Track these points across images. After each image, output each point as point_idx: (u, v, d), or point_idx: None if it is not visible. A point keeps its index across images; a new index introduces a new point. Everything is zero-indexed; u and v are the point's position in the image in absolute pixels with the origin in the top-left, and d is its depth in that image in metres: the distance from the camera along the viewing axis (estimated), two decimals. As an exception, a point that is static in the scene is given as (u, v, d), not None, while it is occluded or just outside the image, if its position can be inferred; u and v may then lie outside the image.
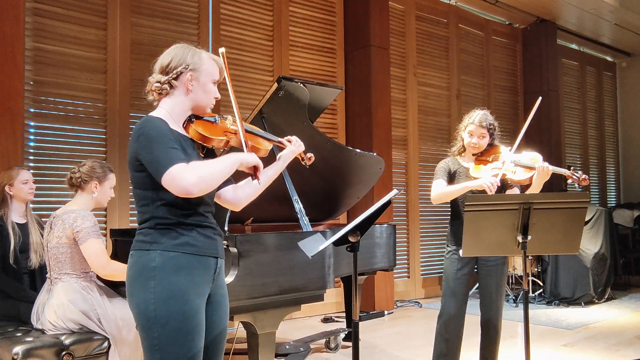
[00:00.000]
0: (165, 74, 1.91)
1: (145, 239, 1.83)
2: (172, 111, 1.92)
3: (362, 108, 6.39)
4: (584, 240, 6.41)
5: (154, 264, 1.78)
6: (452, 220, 3.20)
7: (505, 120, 8.44)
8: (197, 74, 1.93)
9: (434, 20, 7.67)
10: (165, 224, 1.82)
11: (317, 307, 5.76)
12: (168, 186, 1.72)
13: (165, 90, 1.92)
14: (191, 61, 1.92)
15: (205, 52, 1.99)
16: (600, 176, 10.41)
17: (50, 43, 4.58)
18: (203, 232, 1.87)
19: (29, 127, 4.46)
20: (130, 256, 1.87)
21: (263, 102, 3.28)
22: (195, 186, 1.71)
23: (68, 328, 2.82)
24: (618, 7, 8.03)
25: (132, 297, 1.82)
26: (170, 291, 1.77)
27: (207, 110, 2.00)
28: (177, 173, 1.70)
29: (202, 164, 1.80)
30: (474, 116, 3.14)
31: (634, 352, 4.40)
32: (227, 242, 2.71)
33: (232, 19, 5.68)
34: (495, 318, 3.12)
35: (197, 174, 1.72)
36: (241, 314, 2.77)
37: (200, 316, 1.83)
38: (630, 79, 10.79)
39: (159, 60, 1.95)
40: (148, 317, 1.77)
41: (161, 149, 1.74)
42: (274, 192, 3.63)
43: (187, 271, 1.80)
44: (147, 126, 1.79)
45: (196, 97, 1.94)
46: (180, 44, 1.97)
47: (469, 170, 3.12)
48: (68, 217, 2.86)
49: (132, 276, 1.83)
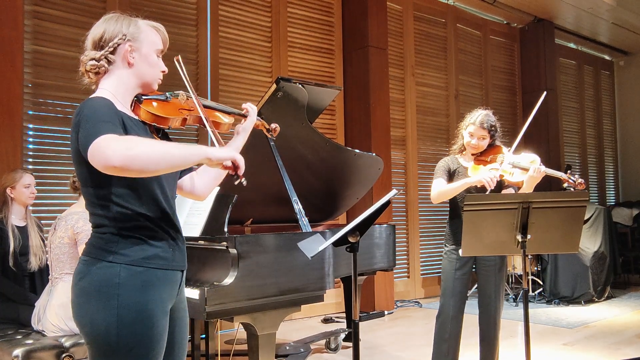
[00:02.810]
0: (99, 48, 1.65)
1: (107, 247, 1.55)
2: (115, 92, 1.63)
3: (360, 108, 6.39)
4: (583, 239, 6.41)
5: (118, 280, 1.51)
6: (451, 219, 3.20)
7: (503, 120, 8.40)
8: (138, 44, 1.66)
9: (431, 20, 7.68)
10: (131, 228, 1.56)
11: (317, 307, 5.76)
12: (92, 158, 1.40)
13: (102, 67, 1.65)
14: (128, 30, 1.66)
15: (142, 20, 1.74)
16: (598, 175, 10.43)
17: (50, 46, 4.58)
18: (174, 242, 1.65)
19: (28, 130, 4.46)
20: (83, 262, 1.58)
21: (262, 103, 3.28)
22: (119, 158, 1.36)
23: (70, 329, 2.83)
24: (615, 6, 8.04)
25: (83, 315, 1.54)
26: (137, 312, 1.52)
27: (154, 86, 1.73)
28: (105, 141, 1.38)
29: (143, 139, 1.47)
30: (475, 116, 3.13)
31: (634, 351, 4.40)
32: (227, 243, 2.72)
33: (231, 20, 5.68)
34: (494, 319, 3.11)
35: (126, 145, 1.38)
36: (241, 315, 2.76)
37: (165, 337, 1.61)
38: (628, 78, 10.81)
39: (90, 34, 1.68)
40: (109, 342, 1.50)
41: (92, 123, 1.44)
42: (273, 193, 3.65)
43: (155, 288, 1.57)
44: (85, 108, 1.51)
45: (140, 71, 1.67)
46: (111, 14, 1.71)
47: (468, 169, 3.12)
48: (71, 219, 2.90)
49: (88, 289, 1.53)
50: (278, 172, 3.24)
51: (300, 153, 3.74)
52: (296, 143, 3.66)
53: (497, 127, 3.16)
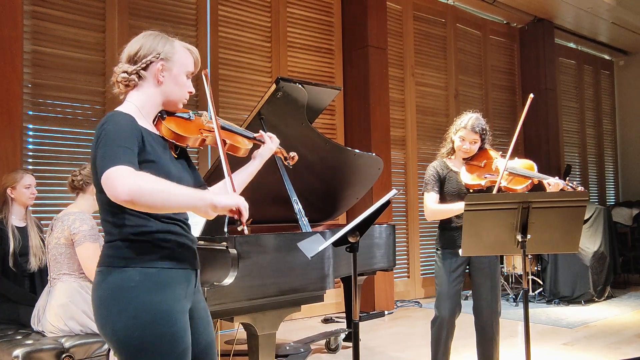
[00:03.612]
0: (133, 63, 1.71)
1: (118, 253, 1.59)
2: (141, 106, 1.70)
3: (360, 108, 6.39)
4: (583, 239, 6.41)
5: (133, 283, 1.55)
6: (442, 221, 3.17)
7: (503, 120, 8.45)
8: (170, 64, 1.72)
9: (431, 20, 7.68)
10: (140, 235, 1.60)
11: (317, 307, 5.76)
12: (104, 185, 1.46)
13: (132, 81, 1.71)
14: (162, 50, 1.72)
15: (178, 41, 1.79)
16: (598, 174, 10.43)
17: (49, 46, 4.58)
18: (182, 242, 1.69)
19: (27, 130, 4.46)
20: (98, 273, 1.62)
21: (261, 104, 3.28)
22: (127, 194, 1.42)
23: (69, 329, 2.82)
24: (615, 5, 8.05)
25: (106, 324, 1.57)
26: (154, 313, 1.55)
27: (179, 105, 1.80)
28: (120, 173, 1.45)
29: (155, 178, 1.50)
30: (466, 120, 3.10)
31: (634, 351, 4.40)
32: (227, 243, 2.71)
33: (230, 21, 5.68)
34: (491, 321, 3.07)
35: (139, 184, 1.44)
36: (241, 315, 2.76)
37: (189, 335, 1.64)
38: (628, 77, 10.81)
39: (127, 48, 1.74)
40: (132, 344, 1.54)
41: (111, 146, 1.50)
42: (273, 193, 3.64)
43: (170, 288, 1.61)
44: (109, 122, 1.58)
45: (167, 89, 1.73)
46: (150, 31, 1.77)
47: (459, 174, 3.11)
48: (67, 219, 2.89)
49: (105, 298, 1.57)
50: (278, 172, 3.24)
51: (300, 153, 3.70)
52: (296, 143, 3.65)
53: (487, 131, 3.14)
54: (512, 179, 3.00)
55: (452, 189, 3.10)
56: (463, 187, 3.09)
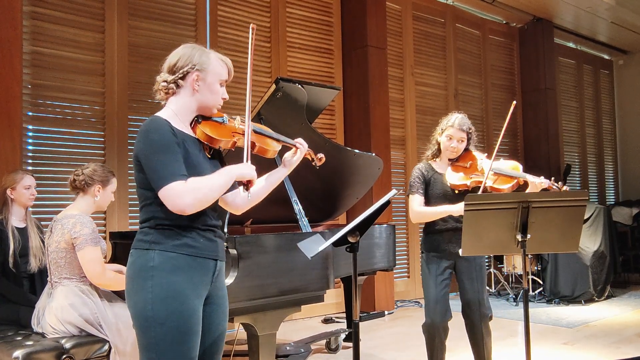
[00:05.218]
0: (172, 73, 1.92)
1: (145, 238, 1.83)
2: (178, 111, 1.92)
3: (360, 108, 6.39)
4: (583, 239, 6.42)
5: (153, 263, 1.79)
6: (427, 224, 3.17)
7: (502, 120, 8.43)
8: (204, 74, 1.92)
9: (430, 19, 7.68)
10: (166, 224, 1.82)
11: (318, 307, 5.76)
12: (164, 201, 1.75)
13: (171, 89, 1.92)
14: (198, 61, 1.92)
15: (214, 53, 1.98)
16: (598, 174, 10.43)
17: (48, 46, 4.58)
18: (203, 234, 1.87)
19: (27, 131, 4.46)
20: (130, 255, 1.88)
21: (261, 104, 3.28)
22: (191, 207, 1.75)
23: (68, 331, 2.82)
24: (614, 5, 8.05)
25: (130, 297, 1.83)
26: (168, 291, 1.78)
27: (213, 110, 1.99)
28: (174, 191, 1.73)
29: (199, 184, 1.79)
30: (452, 119, 3.11)
31: (634, 350, 4.41)
32: (227, 243, 2.71)
33: (230, 21, 5.68)
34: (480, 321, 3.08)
35: (193, 196, 1.75)
36: (241, 316, 2.76)
37: (197, 316, 1.84)
38: (627, 77, 10.81)
39: (167, 59, 1.95)
40: (146, 316, 1.78)
41: (161, 161, 1.76)
42: (273, 193, 3.63)
43: (185, 272, 1.81)
44: (151, 129, 1.81)
45: (202, 97, 1.93)
46: (189, 44, 1.97)
47: (444, 176, 3.10)
48: (67, 222, 2.85)
49: (131, 275, 1.84)
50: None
51: (299, 153, 3.73)
52: (296, 143, 3.65)
53: (473, 131, 3.16)
54: (498, 179, 3.01)
55: (437, 191, 3.10)
56: (448, 189, 3.09)
